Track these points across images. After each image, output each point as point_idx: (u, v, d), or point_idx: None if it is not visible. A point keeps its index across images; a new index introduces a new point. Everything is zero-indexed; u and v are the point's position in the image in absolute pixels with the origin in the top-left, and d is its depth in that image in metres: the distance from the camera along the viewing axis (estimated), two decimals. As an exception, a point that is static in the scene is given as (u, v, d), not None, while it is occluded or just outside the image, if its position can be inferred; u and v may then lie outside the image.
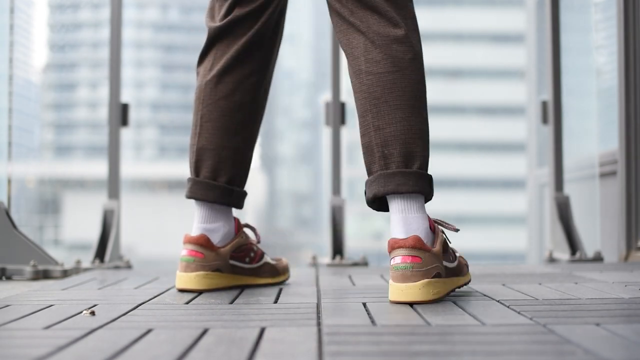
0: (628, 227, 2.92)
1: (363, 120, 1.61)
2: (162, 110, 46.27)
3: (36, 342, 1.12)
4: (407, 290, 1.49)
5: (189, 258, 1.79)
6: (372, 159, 1.59)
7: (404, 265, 1.50)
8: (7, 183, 2.71)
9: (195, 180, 1.82)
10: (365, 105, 1.60)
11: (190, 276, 1.77)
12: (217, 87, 1.83)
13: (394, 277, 1.51)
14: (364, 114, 1.61)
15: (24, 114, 3.64)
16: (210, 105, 1.82)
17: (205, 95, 1.83)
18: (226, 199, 1.82)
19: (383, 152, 1.57)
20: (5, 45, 2.92)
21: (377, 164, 1.58)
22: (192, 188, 1.82)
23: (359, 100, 1.62)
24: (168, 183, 42.24)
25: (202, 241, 1.79)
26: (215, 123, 1.82)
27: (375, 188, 1.57)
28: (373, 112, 1.58)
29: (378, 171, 1.58)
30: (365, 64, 1.60)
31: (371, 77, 1.59)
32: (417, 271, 1.49)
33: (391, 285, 1.52)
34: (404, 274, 1.49)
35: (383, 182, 1.56)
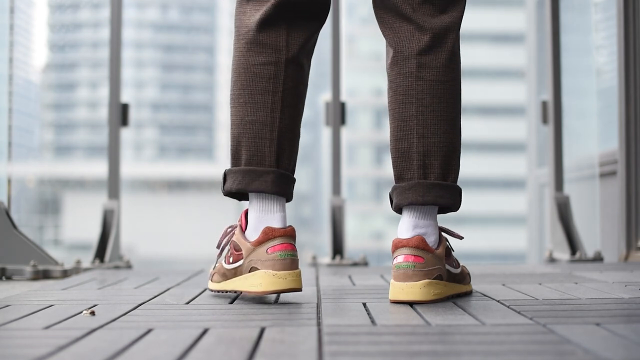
0: (628, 227, 2.92)
1: (404, 124, 1.59)
2: (162, 110, 46.26)
3: (36, 342, 1.12)
4: (408, 289, 1.49)
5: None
6: (409, 165, 1.59)
7: (406, 264, 1.50)
8: (7, 183, 2.71)
9: (278, 172, 1.57)
10: (410, 110, 1.59)
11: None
12: (300, 70, 1.62)
13: (395, 276, 1.52)
14: (407, 119, 1.59)
15: (24, 114, 3.64)
16: (292, 89, 1.60)
17: (285, 77, 1.59)
18: (292, 194, 1.63)
19: (424, 162, 1.58)
20: (5, 45, 2.92)
21: (414, 172, 1.58)
22: (278, 182, 1.56)
23: (402, 103, 1.59)
24: (168, 183, 42.25)
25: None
26: (295, 110, 1.62)
27: (412, 196, 1.56)
28: (419, 119, 1.58)
29: (415, 179, 1.58)
30: (417, 68, 1.59)
31: (421, 83, 1.59)
32: (419, 271, 1.50)
33: (392, 284, 1.52)
34: (405, 273, 1.50)
35: (422, 192, 1.56)
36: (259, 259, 1.52)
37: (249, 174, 1.57)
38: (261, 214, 1.57)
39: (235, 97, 1.62)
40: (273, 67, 1.59)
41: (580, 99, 4.07)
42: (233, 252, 1.59)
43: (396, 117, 1.61)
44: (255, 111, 1.59)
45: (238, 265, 1.57)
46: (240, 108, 1.60)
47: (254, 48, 1.60)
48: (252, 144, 1.58)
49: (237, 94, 1.61)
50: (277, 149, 1.58)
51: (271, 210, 1.57)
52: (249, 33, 1.61)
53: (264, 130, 1.59)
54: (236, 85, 1.62)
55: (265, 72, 1.59)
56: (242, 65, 1.61)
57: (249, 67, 1.60)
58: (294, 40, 1.61)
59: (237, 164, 1.60)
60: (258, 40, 1.60)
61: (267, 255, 1.51)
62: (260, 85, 1.59)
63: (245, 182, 1.57)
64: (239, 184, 1.58)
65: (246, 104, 1.60)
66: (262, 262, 1.51)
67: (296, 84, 1.61)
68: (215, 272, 1.66)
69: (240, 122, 1.60)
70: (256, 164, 1.58)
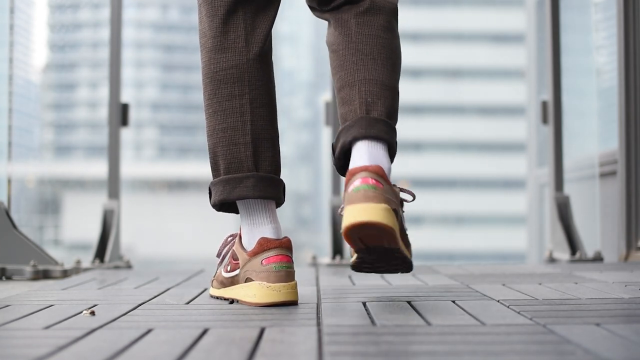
0: (628, 227, 2.92)
1: (346, 74, 1.51)
2: (162, 110, 46.26)
3: (36, 342, 1.12)
4: (369, 209, 1.32)
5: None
6: (353, 108, 1.49)
7: (366, 186, 1.36)
8: (7, 183, 2.71)
9: (258, 176, 1.52)
10: (351, 59, 1.51)
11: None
12: (263, 67, 1.57)
13: (352, 199, 1.35)
14: (348, 68, 1.51)
15: (24, 114, 3.64)
16: (260, 87, 1.55)
17: (251, 76, 1.54)
18: (284, 197, 1.59)
19: (367, 100, 1.48)
20: (5, 45, 2.92)
21: (357, 111, 1.48)
22: (259, 185, 1.52)
23: (343, 56, 1.52)
24: (168, 183, 42.25)
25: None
26: (267, 109, 1.56)
27: (355, 131, 1.45)
28: (359, 65, 1.51)
29: (359, 116, 1.47)
30: (356, 26, 1.53)
31: (360, 37, 1.52)
32: (380, 195, 1.35)
33: (347, 209, 1.35)
34: (366, 194, 1.34)
35: (365, 125, 1.45)
36: (253, 270, 1.50)
37: (229, 182, 1.54)
38: (251, 227, 1.55)
39: (205, 107, 1.58)
40: (236, 70, 1.55)
41: (580, 99, 4.07)
42: (231, 261, 1.58)
43: (338, 69, 1.54)
44: (225, 118, 1.55)
45: (235, 275, 1.56)
46: (211, 118, 1.57)
47: (215, 55, 1.57)
48: (227, 151, 1.54)
49: (206, 104, 1.58)
50: (253, 152, 1.53)
51: (261, 221, 1.54)
52: (208, 42, 1.58)
53: (236, 135, 1.54)
54: (205, 96, 1.59)
55: (228, 77, 1.55)
56: (207, 75, 1.58)
57: (213, 76, 1.57)
58: (254, 37, 1.57)
59: (217, 175, 1.57)
60: (217, 47, 1.57)
61: (262, 267, 1.48)
62: (226, 91, 1.55)
63: (227, 192, 1.54)
64: (221, 194, 1.55)
65: (215, 113, 1.56)
66: (257, 273, 1.49)
67: (264, 82, 1.58)
68: (215, 279, 1.66)
69: (213, 132, 1.57)
70: (235, 171, 1.54)
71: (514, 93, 37.86)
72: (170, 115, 45.97)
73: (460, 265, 2.52)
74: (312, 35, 39.32)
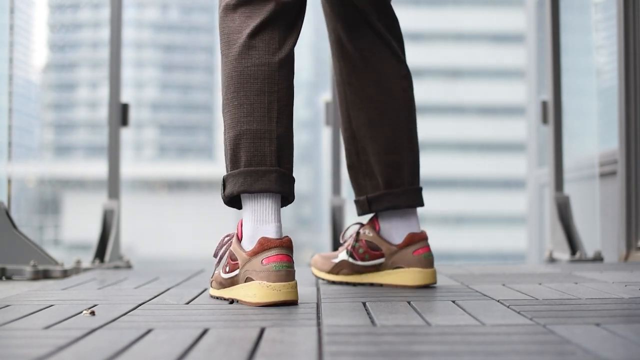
0: (628, 227, 2.92)
1: (396, 138, 1.86)
2: (162, 110, 46.26)
3: (36, 342, 1.12)
4: (432, 274, 1.82)
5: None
6: (400, 174, 1.86)
7: (428, 254, 1.83)
8: (7, 183, 2.71)
9: (280, 171, 1.56)
10: (401, 125, 1.87)
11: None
12: (289, 71, 1.63)
13: (425, 263, 1.81)
14: (398, 133, 1.86)
15: (24, 114, 3.64)
16: (286, 88, 1.61)
17: (280, 77, 1.59)
18: (294, 194, 1.67)
19: (412, 171, 1.87)
20: (5, 45, 2.92)
21: (405, 179, 1.86)
22: (280, 181, 1.56)
23: (392, 118, 1.86)
24: (168, 183, 42.25)
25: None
26: (289, 110, 1.62)
27: (406, 200, 1.85)
28: (407, 134, 1.88)
29: (406, 186, 1.86)
30: (402, 81, 1.87)
31: (407, 103, 1.88)
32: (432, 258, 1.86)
33: (420, 271, 1.81)
34: (429, 260, 1.82)
35: (413, 196, 1.86)
36: (253, 269, 1.50)
37: (251, 175, 1.55)
38: (256, 224, 1.55)
39: (229, 100, 1.59)
40: (267, 67, 1.58)
41: (580, 99, 4.07)
42: (230, 262, 1.58)
43: (384, 130, 1.86)
44: (252, 112, 1.57)
45: (234, 275, 1.56)
46: (236, 110, 1.58)
47: (247, 52, 1.59)
48: (251, 145, 1.56)
49: (230, 97, 1.59)
50: (277, 149, 1.56)
51: (266, 220, 1.55)
52: (241, 39, 1.60)
53: (263, 130, 1.56)
54: (229, 89, 1.59)
55: (259, 73, 1.58)
56: (235, 69, 1.59)
57: (243, 70, 1.58)
58: (284, 44, 1.62)
59: (236, 167, 1.57)
60: (251, 45, 1.59)
61: (262, 266, 1.49)
62: (256, 86, 1.57)
63: (248, 183, 1.54)
64: (241, 185, 1.55)
65: (242, 105, 1.57)
66: (257, 272, 1.50)
67: (289, 84, 1.62)
68: (213, 279, 1.66)
69: (236, 124, 1.57)
70: (257, 165, 1.55)
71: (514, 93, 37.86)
72: (170, 115, 45.97)
73: (460, 265, 2.52)
74: (312, 35, 39.35)
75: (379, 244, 1.85)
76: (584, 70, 4.04)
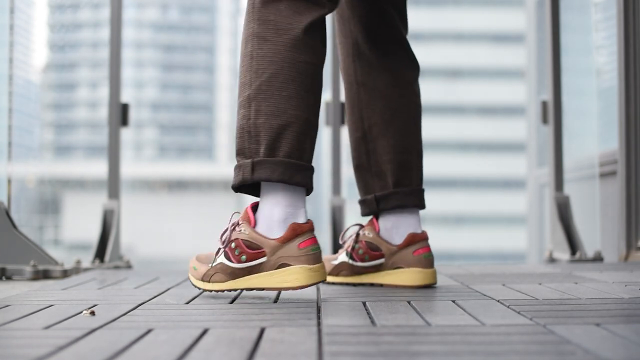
0: (628, 227, 2.92)
1: (405, 140, 1.89)
2: (162, 110, 46.27)
3: (36, 342, 1.12)
4: (433, 274, 1.84)
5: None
6: (409, 174, 1.89)
7: (429, 254, 1.84)
8: (7, 183, 2.71)
9: (312, 169, 1.62)
10: (411, 128, 1.90)
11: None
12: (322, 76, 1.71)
13: (424, 264, 1.82)
14: (407, 135, 1.90)
15: (24, 114, 3.64)
16: (321, 91, 1.67)
17: (320, 79, 1.66)
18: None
19: (420, 172, 1.92)
20: (5, 45, 2.92)
21: (413, 180, 1.90)
22: (311, 178, 1.62)
23: (403, 118, 1.89)
24: (168, 183, 42.26)
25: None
26: (320, 112, 1.69)
27: (414, 200, 1.89)
28: (416, 136, 1.92)
29: (414, 186, 1.90)
30: (415, 94, 1.92)
31: (416, 108, 1.93)
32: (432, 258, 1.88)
33: (421, 271, 1.82)
34: (429, 260, 1.83)
35: (420, 197, 1.90)
36: (290, 255, 1.54)
37: (292, 167, 1.58)
38: (289, 209, 1.58)
39: (276, 88, 1.59)
40: (315, 68, 1.63)
41: (580, 99, 4.07)
42: (245, 251, 1.57)
43: (396, 130, 1.89)
44: (299, 106, 1.59)
45: (256, 264, 1.56)
46: (283, 101, 1.59)
47: (300, 46, 1.61)
48: (295, 139, 1.58)
49: (278, 86, 1.59)
50: (313, 147, 1.63)
51: (298, 205, 1.59)
52: (294, 31, 1.61)
53: (307, 127, 1.60)
54: (277, 78, 1.59)
55: (310, 71, 1.62)
56: (286, 59, 1.60)
57: (295, 63, 1.60)
58: (324, 49, 1.67)
59: (273, 155, 1.58)
60: (304, 41, 1.61)
61: (300, 251, 1.54)
62: (306, 82, 1.61)
63: (288, 175, 1.57)
64: (281, 175, 1.57)
65: (291, 98, 1.59)
66: (296, 257, 1.54)
67: (322, 88, 1.68)
68: (214, 271, 1.63)
69: (281, 114, 1.58)
70: (296, 158, 1.59)
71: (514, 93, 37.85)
72: (170, 115, 45.98)
73: (460, 265, 2.52)
74: (312, 35, 39.28)
75: (379, 245, 1.86)
76: (584, 70, 4.04)
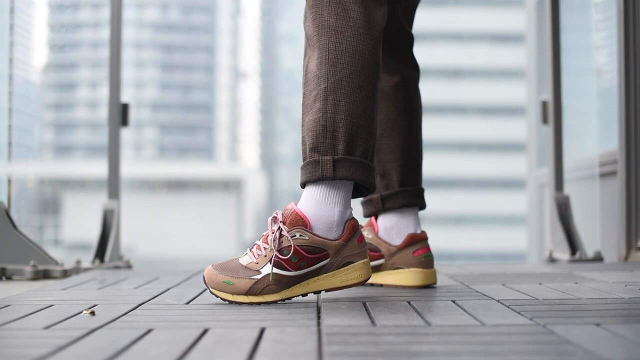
0: (628, 227, 2.92)
1: (411, 139, 1.92)
2: (162, 110, 46.28)
3: (36, 342, 1.12)
4: (433, 274, 1.85)
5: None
6: (414, 174, 1.91)
7: (429, 254, 1.85)
8: (7, 183, 2.71)
9: (372, 167, 1.62)
10: (416, 127, 1.93)
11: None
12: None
13: (424, 264, 1.83)
14: (414, 134, 1.93)
15: (24, 114, 3.64)
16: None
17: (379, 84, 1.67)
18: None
19: (420, 172, 1.94)
20: (5, 45, 2.92)
21: (418, 180, 1.92)
22: (374, 177, 1.63)
23: (407, 118, 1.92)
24: (168, 183, 42.27)
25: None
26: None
27: (419, 200, 1.91)
28: (419, 136, 1.94)
29: (419, 186, 1.92)
30: (417, 95, 1.95)
31: (418, 108, 1.96)
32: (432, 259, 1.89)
33: (421, 271, 1.83)
34: (429, 261, 1.84)
35: (422, 196, 1.92)
36: (353, 252, 1.57)
37: (367, 168, 1.60)
38: (344, 209, 1.58)
39: (357, 87, 1.58)
40: (381, 71, 1.66)
41: (580, 99, 4.07)
42: (305, 256, 1.52)
43: (401, 130, 1.91)
44: (374, 109, 1.61)
45: (317, 267, 1.53)
46: (362, 100, 1.59)
47: (378, 47, 1.62)
48: (370, 140, 1.60)
49: (359, 84, 1.59)
50: (375, 150, 1.73)
51: (349, 206, 1.60)
52: (374, 33, 1.62)
53: (375, 129, 1.63)
54: (359, 76, 1.59)
55: (379, 75, 1.64)
56: (367, 60, 1.60)
57: (374, 65, 1.61)
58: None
59: (352, 154, 1.58)
60: (380, 43, 1.63)
61: (359, 247, 1.59)
62: (377, 85, 1.63)
63: (365, 175, 1.59)
64: (361, 175, 1.58)
65: (368, 99, 1.60)
66: (357, 254, 1.58)
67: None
68: (265, 284, 1.53)
69: (361, 114, 1.59)
70: (369, 159, 1.61)
71: (514, 93, 37.85)
72: (170, 115, 45.99)
73: (460, 265, 2.52)
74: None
75: (378, 245, 1.86)
76: (584, 70, 4.04)
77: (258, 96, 49.24)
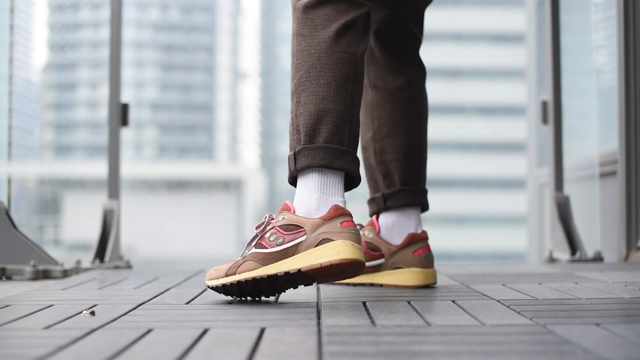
0: (628, 227, 2.92)
1: (415, 139, 1.94)
2: (162, 110, 46.28)
3: (36, 342, 1.12)
4: (433, 274, 1.85)
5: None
6: (417, 174, 1.92)
7: (429, 254, 1.86)
8: (7, 183, 2.71)
9: (354, 154, 1.65)
10: (420, 128, 1.95)
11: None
12: (363, 68, 1.75)
13: (424, 263, 1.84)
14: (417, 135, 1.94)
15: (24, 114, 3.64)
16: (362, 81, 1.70)
17: (359, 69, 1.68)
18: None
19: (424, 172, 1.95)
20: (5, 45, 2.92)
21: (421, 180, 1.94)
22: (355, 163, 1.64)
23: (411, 118, 1.94)
24: (168, 183, 42.27)
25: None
26: (361, 100, 1.75)
27: (421, 200, 1.92)
28: (423, 136, 1.96)
29: (421, 186, 1.93)
30: (422, 97, 1.98)
31: (424, 109, 1.98)
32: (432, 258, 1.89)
33: (421, 271, 1.83)
34: (429, 260, 1.85)
35: (425, 196, 1.94)
36: (333, 231, 1.53)
37: (332, 152, 1.60)
38: (325, 196, 1.59)
39: (312, 77, 1.63)
40: (353, 57, 1.65)
41: (580, 99, 4.07)
42: (282, 233, 1.56)
43: (405, 130, 1.93)
44: (338, 94, 1.62)
45: (293, 244, 1.54)
46: (321, 89, 1.62)
47: (337, 37, 1.65)
48: (334, 124, 1.61)
49: (316, 75, 1.63)
50: (353, 133, 1.64)
51: (334, 193, 1.60)
52: (333, 25, 1.65)
53: (345, 113, 1.62)
54: (314, 67, 1.63)
55: (347, 60, 1.64)
56: (323, 50, 1.64)
57: (332, 52, 1.64)
58: (362, 46, 1.69)
59: (313, 142, 1.61)
60: (342, 33, 1.65)
61: (342, 228, 1.54)
62: (344, 70, 1.63)
63: (329, 159, 1.59)
64: (322, 159, 1.59)
65: (329, 85, 1.62)
66: (338, 233, 1.53)
67: (363, 77, 1.69)
68: (242, 262, 1.59)
69: (320, 102, 1.61)
70: (336, 143, 1.60)
71: (514, 93, 37.85)
72: (170, 115, 45.99)
73: (460, 265, 2.52)
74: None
75: (379, 245, 1.87)
76: (584, 70, 4.04)
77: (258, 96, 49.25)
